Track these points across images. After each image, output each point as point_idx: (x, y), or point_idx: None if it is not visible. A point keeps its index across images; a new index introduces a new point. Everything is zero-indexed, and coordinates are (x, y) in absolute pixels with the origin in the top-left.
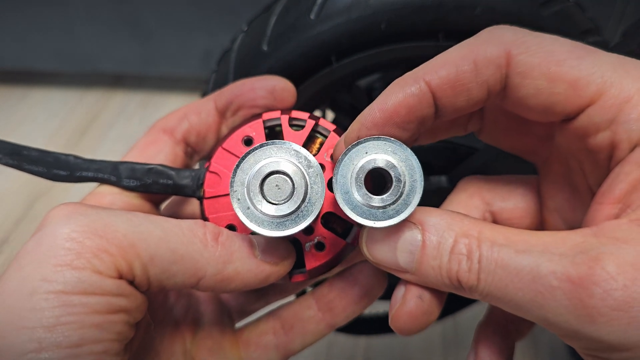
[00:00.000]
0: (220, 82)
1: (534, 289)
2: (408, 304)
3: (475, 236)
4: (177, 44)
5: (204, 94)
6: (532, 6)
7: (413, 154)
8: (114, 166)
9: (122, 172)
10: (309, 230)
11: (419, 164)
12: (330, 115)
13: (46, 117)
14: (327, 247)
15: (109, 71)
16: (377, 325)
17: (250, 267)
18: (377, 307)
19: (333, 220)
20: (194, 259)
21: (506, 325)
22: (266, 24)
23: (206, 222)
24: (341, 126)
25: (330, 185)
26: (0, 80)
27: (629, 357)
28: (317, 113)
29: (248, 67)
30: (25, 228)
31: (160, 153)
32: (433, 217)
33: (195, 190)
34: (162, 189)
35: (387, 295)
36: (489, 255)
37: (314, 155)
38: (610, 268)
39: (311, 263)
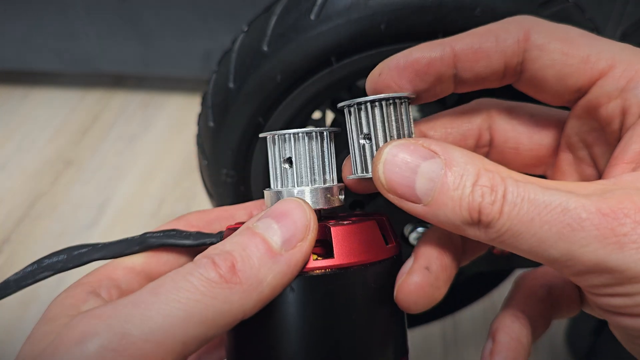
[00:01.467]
0: (220, 83)
1: (562, 221)
2: (415, 275)
3: (497, 172)
4: (177, 44)
5: (205, 95)
6: (531, 6)
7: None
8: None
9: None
10: None
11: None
12: (330, 115)
13: (47, 118)
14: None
15: (109, 72)
16: None
17: (282, 269)
18: None
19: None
20: (225, 312)
21: (525, 315)
22: (266, 24)
23: (210, 254)
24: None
25: None
26: (2, 80)
27: None
28: (317, 114)
29: (248, 68)
30: (25, 228)
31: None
32: (456, 151)
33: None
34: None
35: None
36: (514, 189)
37: None
38: None
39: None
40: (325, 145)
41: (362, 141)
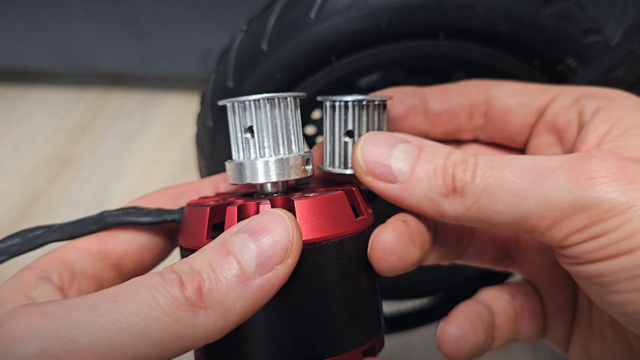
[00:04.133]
0: (219, 82)
1: (533, 172)
2: (390, 227)
3: (468, 151)
4: (176, 43)
5: (204, 94)
6: (532, 5)
7: None
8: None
9: (130, 213)
10: None
11: None
12: None
13: (45, 117)
14: None
15: (107, 70)
16: None
17: (253, 295)
18: None
19: None
20: (186, 337)
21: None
22: (266, 23)
23: (179, 270)
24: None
25: None
26: None
27: (627, 219)
28: (317, 113)
29: (247, 67)
30: (23, 227)
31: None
32: (427, 140)
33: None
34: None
35: (387, 296)
36: (484, 158)
37: None
38: (605, 151)
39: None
40: (290, 112)
41: (345, 139)
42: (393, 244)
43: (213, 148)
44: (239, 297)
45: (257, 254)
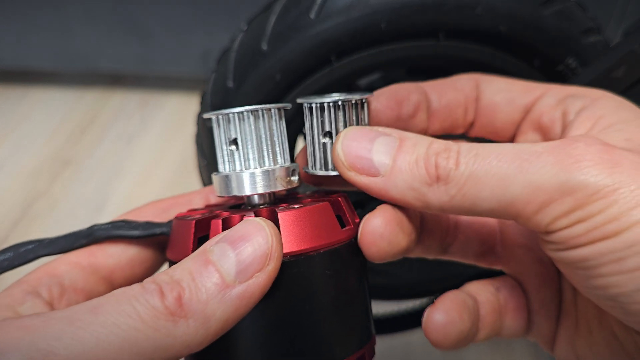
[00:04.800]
0: (219, 82)
1: (519, 157)
2: (380, 213)
3: (450, 141)
4: (176, 43)
5: (204, 94)
6: (532, 5)
7: None
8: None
9: (119, 227)
10: None
11: None
12: None
13: (45, 117)
14: None
15: (107, 70)
16: (378, 325)
17: (233, 303)
18: (376, 309)
19: None
20: (166, 346)
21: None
22: (266, 23)
23: (159, 280)
24: None
25: None
26: None
27: (613, 201)
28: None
29: (247, 67)
30: (23, 228)
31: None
32: (408, 132)
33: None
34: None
35: (387, 296)
36: (467, 146)
37: None
38: (590, 137)
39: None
40: (274, 123)
41: (323, 139)
42: (383, 229)
43: (213, 148)
44: (219, 305)
45: (236, 262)
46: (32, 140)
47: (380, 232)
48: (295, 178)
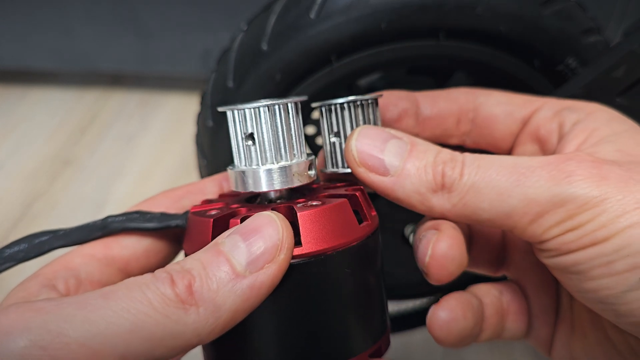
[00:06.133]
0: (219, 82)
1: (516, 172)
2: (447, 235)
3: (456, 152)
4: (176, 43)
5: (204, 94)
6: (532, 5)
7: None
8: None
9: (133, 219)
10: None
11: None
12: None
13: (45, 117)
14: None
15: (107, 70)
16: None
17: (243, 293)
18: None
19: None
20: (176, 333)
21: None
22: (266, 23)
23: (170, 269)
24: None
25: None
26: None
27: (601, 210)
28: (317, 113)
29: (248, 67)
30: (23, 228)
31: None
32: (418, 139)
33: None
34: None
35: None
36: (471, 157)
37: None
38: (582, 154)
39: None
40: (290, 117)
41: (332, 139)
42: (454, 252)
43: (213, 148)
44: (230, 294)
45: (247, 253)
46: (32, 140)
47: (452, 255)
48: (312, 172)
